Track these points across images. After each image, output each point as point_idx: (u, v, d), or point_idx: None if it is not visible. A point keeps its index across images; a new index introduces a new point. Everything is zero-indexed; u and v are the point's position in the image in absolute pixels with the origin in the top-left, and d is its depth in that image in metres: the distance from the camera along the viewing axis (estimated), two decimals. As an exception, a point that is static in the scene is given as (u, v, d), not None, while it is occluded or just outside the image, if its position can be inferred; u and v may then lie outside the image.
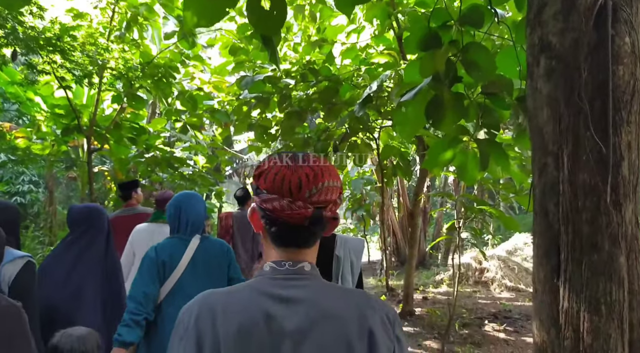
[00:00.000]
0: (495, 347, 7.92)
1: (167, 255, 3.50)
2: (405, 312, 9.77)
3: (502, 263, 14.32)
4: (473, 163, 5.19)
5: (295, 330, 1.38)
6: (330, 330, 1.39)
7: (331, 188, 1.45)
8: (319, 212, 1.42)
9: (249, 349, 1.36)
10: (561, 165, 3.28)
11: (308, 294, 1.43)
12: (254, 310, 1.39)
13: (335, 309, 1.42)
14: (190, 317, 1.40)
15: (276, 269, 1.47)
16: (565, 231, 3.22)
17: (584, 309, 3.11)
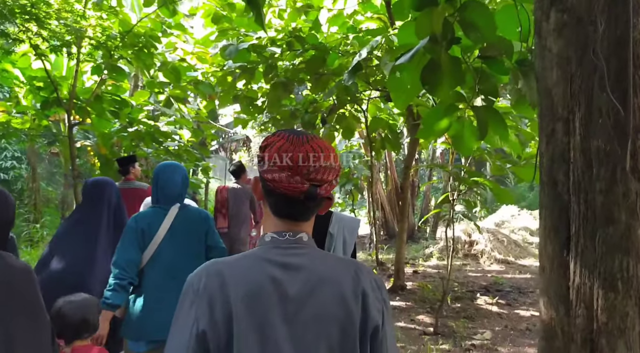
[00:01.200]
0: (489, 321, 7.76)
1: (146, 224, 3.67)
2: (396, 286, 9.59)
3: (491, 236, 14.21)
4: (469, 132, 4.96)
5: (297, 293, 1.49)
6: (328, 293, 1.50)
7: (329, 168, 1.56)
8: (314, 189, 1.52)
9: (257, 310, 1.45)
10: (572, 131, 3.05)
11: (307, 262, 1.55)
12: (260, 275, 1.49)
13: (332, 275, 1.54)
14: (200, 283, 1.47)
15: (277, 239, 1.58)
16: (576, 202, 2.99)
17: (597, 286, 2.89)
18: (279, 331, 1.45)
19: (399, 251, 9.69)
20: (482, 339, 6.77)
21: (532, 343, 6.72)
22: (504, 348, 6.51)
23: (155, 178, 3.82)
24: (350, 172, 14.75)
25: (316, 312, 1.48)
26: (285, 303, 1.48)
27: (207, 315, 1.43)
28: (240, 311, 1.43)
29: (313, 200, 1.55)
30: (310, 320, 1.48)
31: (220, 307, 1.43)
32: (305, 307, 1.48)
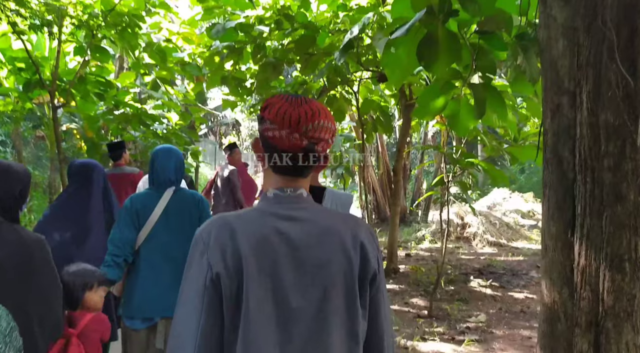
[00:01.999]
0: (483, 303, 7.67)
1: (140, 205, 3.73)
2: (389, 270, 9.47)
3: (483, 219, 14.13)
4: (466, 111, 4.81)
5: (302, 243, 1.57)
6: (331, 242, 1.60)
7: (326, 128, 1.64)
8: (312, 146, 1.61)
9: (265, 259, 1.53)
10: (579, 105, 2.91)
11: (308, 214, 1.64)
12: (266, 227, 1.58)
13: (332, 226, 1.64)
14: (210, 235, 1.56)
15: (280, 195, 1.66)
16: (582, 180, 2.86)
17: (604, 267, 2.77)
18: (285, 278, 1.55)
19: (392, 234, 9.57)
20: (476, 322, 6.68)
21: (527, 325, 6.64)
22: (499, 330, 6.41)
23: (151, 161, 3.88)
24: (341, 156, 14.58)
25: (320, 259, 1.57)
26: (291, 252, 1.56)
27: (221, 262, 1.51)
28: (250, 260, 1.52)
29: (312, 157, 1.63)
30: (314, 267, 1.57)
31: (231, 255, 1.51)
32: (310, 256, 1.57)
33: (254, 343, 1.51)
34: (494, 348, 5.78)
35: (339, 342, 1.57)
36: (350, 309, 1.59)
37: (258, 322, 1.51)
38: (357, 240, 1.63)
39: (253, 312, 1.50)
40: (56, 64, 7.63)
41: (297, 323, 1.54)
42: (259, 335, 1.51)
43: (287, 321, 1.54)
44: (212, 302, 1.51)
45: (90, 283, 3.15)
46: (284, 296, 1.54)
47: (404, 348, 5.72)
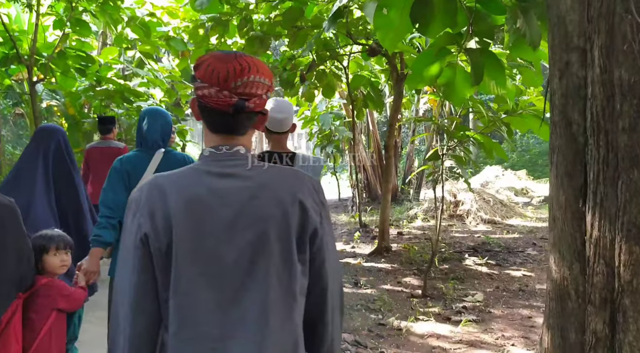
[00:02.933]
0: (479, 282, 7.45)
1: (131, 166, 3.69)
2: (381, 248, 9.25)
3: (476, 196, 13.93)
4: (462, 79, 4.58)
5: (236, 199, 1.56)
6: (266, 198, 1.58)
7: (257, 83, 1.60)
8: (243, 103, 1.58)
9: (197, 217, 1.54)
10: (589, 62, 2.67)
11: (245, 171, 1.62)
12: (199, 186, 1.58)
13: (269, 182, 1.62)
14: (141, 196, 1.58)
15: (215, 153, 1.65)
16: (594, 144, 2.62)
17: (620, 238, 2.53)
18: (218, 236, 1.54)
19: (384, 212, 9.34)
20: (473, 301, 6.46)
21: (527, 304, 6.43)
22: (497, 310, 6.20)
23: (140, 122, 3.85)
24: (331, 134, 14.35)
25: (254, 216, 1.55)
26: (223, 210, 1.54)
27: (149, 223, 1.53)
28: (180, 219, 1.52)
29: (241, 113, 1.60)
30: (248, 224, 1.55)
31: (160, 216, 1.52)
32: (244, 213, 1.55)
33: (186, 301, 1.52)
34: (492, 329, 5.57)
35: (274, 297, 1.55)
36: (287, 265, 1.57)
37: (189, 279, 1.52)
38: (296, 195, 1.60)
39: (184, 270, 1.51)
40: (34, 37, 7.33)
41: (230, 280, 1.54)
42: (191, 292, 1.52)
43: (220, 278, 1.53)
44: (143, 262, 1.54)
45: (47, 247, 3.11)
46: (216, 253, 1.53)
47: (397, 330, 5.49)
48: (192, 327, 1.52)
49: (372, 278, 7.70)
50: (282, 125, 3.65)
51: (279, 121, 3.63)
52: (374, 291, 6.99)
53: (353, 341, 5.09)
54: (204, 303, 1.52)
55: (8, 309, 2.77)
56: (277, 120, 3.62)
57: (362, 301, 6.48)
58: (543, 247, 9.87)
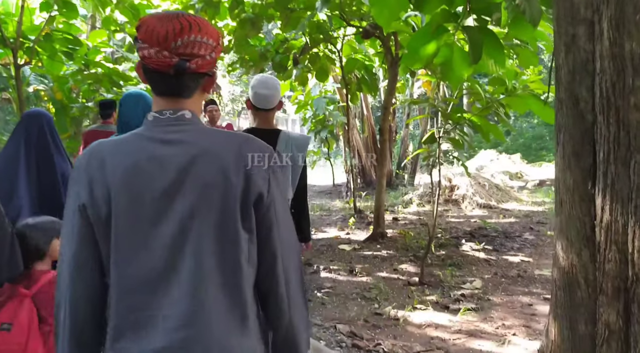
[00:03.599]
0: (477, 268, 7.29)
1: None
2: (376, 234, 9.09)
3: (472, 180, 13.78)
4: (460, 58, 4.39)
5: (176, 166, 1.50)
6: (208, 163, 1.52)
7: (199, 43, 1.55)
8: (184, 64, 1.52)
9: (136, 186, 1.50)
10: (598, 35, 2.48)
11: (189, 137, 1.56)
12: (139, 153, 1.53)
13: (213, 147, 1.56)
14: (82, 164, 1.54)
15: (158, 118, 1.59)
16: (604, 122, 2.44)
17: (633, 222, 2.36)
18: (157, 204, 1.49)
19: (379, 197, 9.16)
20: (471, 288, 6.30)
21: (526, 291, 6.28)
22: (497, 297, 6.04)
23: (119, 106, 3.70)
24: (325, 119, 14.16)
25: (194, 182, 1.50)
26: (163, 176, 1.50)
27: (87, 192, 1.50)
28: (118, 188, 1.49)
29: (183, 74, 1.55)
30: (187, 190, 1.50)
31: (99, 185, 1.49)
32: (184, 179, 1.50)
33: (125, 269, 1.50)
34: (492, 317, 5.41)
35: (214, 266, 1.51)
36: (230, 233, 1.53)
37: (128, 248, 1.49)
38: (240, 161, 1.55)
39: (123, 239, 1.49)
40: (20, 20, 7.10)
41: (171, 249, 1.49)
42: (130, 260, 1.50)
43: (161, 247, 1.49)
44: (82, 231, 1.52)
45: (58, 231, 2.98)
46: (156, 222, 1.49)
47: (394, 320, 5.32)
48: (130, 294, 1.50)
49: (368, 265, 7.53)
50: (268, 101, 3.63)
51: (264, 97, 3.60)
52: (370, 279, 6.83)
53: (349, 332, 4.92)
54: (143, 272, 1.49)
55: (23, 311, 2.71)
56: (262, 96, 3.60)
57: (357, 289, 6.32)
58: (540, 231, 9.74)
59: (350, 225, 10.55)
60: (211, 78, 1.66)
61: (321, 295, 6.10)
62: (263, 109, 3.65)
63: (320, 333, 4.88)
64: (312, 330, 4.99)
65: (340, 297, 6.05)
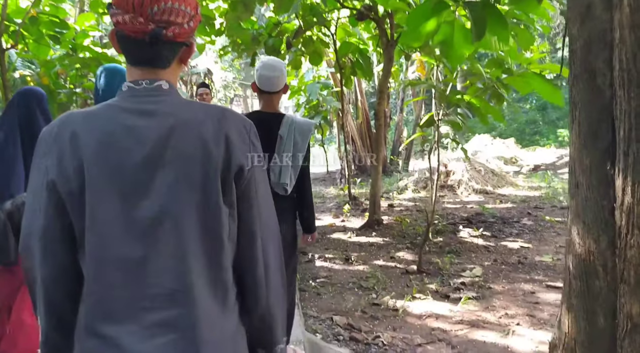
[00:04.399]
0: (476, 255, 7.13)
1: None
2: (372, 221, 8.92)
3: (467, 165, 13.62)
4: (461, 36, 4.19)
5: (154, 138, 1.44)
6: (187, 135, 1.46)
7: (177, 10, 1.49)
8: (160, 31, 1.46)
9: (110, 158, 1.43)
10: (616, 2, 2.28)
11: (166, 108, 1.50)
12: (114, 123, 1.46)
13: (192, 118, 1.49)
14: (51, 136, 1.47)
15: (133, 88, 1.52)
16: (624, 96, 2.24)
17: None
18: (133, 177, 1.43)
19: (375, 183, 8.97)
20: (471, 276, 6.12)
21: (528, 278, 6.11)
22: (497, 285, 5.87)
23: (95, 81, 3.48)
24: (318, 105, 13.95)
25: (173, 154, 1.44)
26: (140, 149, 1.44)
27: (56, 166, 1.43)
28: (92, 160, 1.42)
29: (159, 42, 1.48)
30: (166, 162, 1.44)
31: (70, 158, 1.42)
32: (162, 152, 1.44)
33: (103, 246, 1.42)
34: (494, 306, 5.23)
35: (195, 241, 1.44)
36: (210, 206, 1.46)
37: (105, 223, 1.41)
38: (220, 133, 1.48)
39: (97, 212, 1.41)
40: (4, 2, 6.85)
41: (151, 224, 1.42)
42: (107, 237, 1.42)
43: (140, 222, 1.42)
44: (51, 206, 1.44)
45: None
46: (132, 195, 1.43)
47: (393, 310, 5.14)
48: (108, 272, 1.42)
49: (364, 253, 7.36)
50: (274, 84, 3.57)
51: (269, 79, 3.55)
52: (367, 267, 6.66)
53: (346, 324, 4.74)
54: (121, 248, 1.42)
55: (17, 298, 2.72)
56: (268, 78, 3.55)
57: (354, 279, 6.15)
58: (538, 216, 9.60)
59: (345, 213, 10.38)
60: (189, 48, 1.58)
61: (316, 284, 5.92)
62: (268, 92, 3.59)
63: (317, 326, 4.70)
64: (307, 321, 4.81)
65: (336, 286, 5.88)
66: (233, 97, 32.41)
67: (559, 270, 6.34)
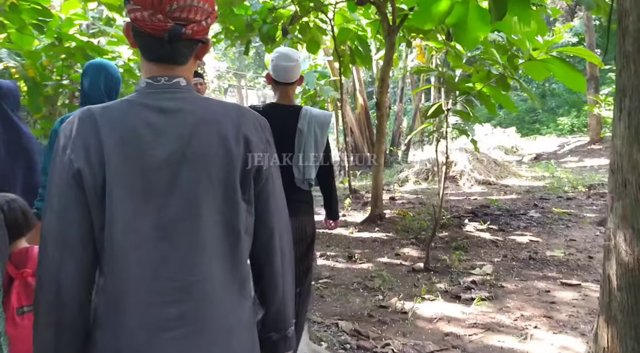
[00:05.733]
0: (485, 251, 6.79)
1: None
2: (374, 216, 8.59)
3: (469, 156, 13.30)
4: (476, 17, 3.83)
5: (175, 135, 1.44)
6: (208, 133, 1.46)
7: (196, 7, 1.46)
8: (179, 29, 1.44)
9: (132, 154, 1.42)
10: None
11: (185, 105, 1.49)
12: (135, 119, 1.45)
13: (212, 116, 1.49)
14: (72, 129, 1.44)
15: (152, 84, 1.51)
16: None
17: None
18: (155, 173, 1.43)
19: (376, 176, 8.63)
20: (482, 274, 5.78)
21: (541, 275, 5.79)
22: (510, 283, 5.53)
23: (81, 78, 3.43)
24: (315, 94, 13.61)
25: (194, 152, 1.44)
26: (162, 146, 1.43)
27: (83, 158, 1.40)
28: (114, 155, 1.40)
29: (178, 39, 1.46)
30: (188, 160, 1.43)
31: (94, 151, 1.40)
32: (184, 149, 1.44)
33: (123, 242, 1.40)
34: (508, 307, 4.89)
35: (216, 236, 1.45)
36: (229, 203, 1.47)
37: (125, 217, 1.40)
38: (239, 131, 1.50)
39: (119, 207, 1.40)
40: (-19, -11, 6.52)
41: (169, 219, 1.42)
42: (128, 234, 1.40)
43: (158, 217, 1.42)
44: (76, 199, 1.41)
45: None
46: (154, 191, 1.42)
47: (402, 313, 4.79)
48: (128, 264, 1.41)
49: (367, 250, 7.03)
50: (290, 75, 3.44)
51: (286, 70, 3.41)
52: (371, 265, 6.32)
53: (352, 330, 4.40)
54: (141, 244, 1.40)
55: None
56: (285, 69, 3.41)
57: (358, 278, 5.82)
58: (545, 208, 9.28)
59: (346, 207, 10.05)
60: (205, 45, 1.57)
61: (319, 286, 5.57)
62: (284, 83, 3.44)
63: (321, 333, 4.35)
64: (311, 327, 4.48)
65: (340, 288, 5.53)
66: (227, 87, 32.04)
67: (572, 266, 6.04)
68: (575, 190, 10.93)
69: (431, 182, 12.95)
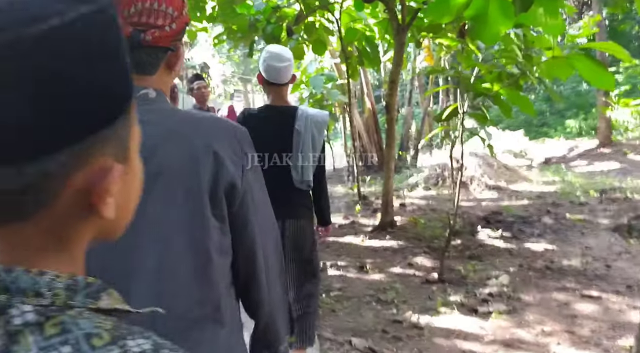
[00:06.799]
0: (500, 260, 6.48)
1: None
2: (385, 223, 8.27)
3: (480, 160, 12.98)
4: (497, 9, 3.54)
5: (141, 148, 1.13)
6: (173, 149, 1.39)
7: (156, 11, 1.37)
8: (137, 34, 1.35)
9: None
10: None
11: (152, 117, 1.38)
12: None
13: (181, 129, 1.43)
14: None
15: None
16: None
17: None
18: None
19: (387, 182, 8.31)
20: (498, 285, 5.48)
21: (559, 286, 5.49)
22: (528, 295, 5.23)
23: None
24: (322, 98, 13.35)
25: (159, 166, 1.35)
26: None
27: None
28: None
29: (138, 46, 1.35)
30: (153, 174, 1.29)
31: None
32: (150, 162, 1.25)
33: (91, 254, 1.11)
34: (528, 322, 4.61)
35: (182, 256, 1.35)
36: (197, 220, 1.37)
37: None
38: (210, 145, 1.39)
39: None
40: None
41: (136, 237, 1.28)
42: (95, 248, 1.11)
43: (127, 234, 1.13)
44: None
45: None
46: None
47: (417, 328, 4.51)
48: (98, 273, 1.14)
49: (379, 260, 6.73)
50: (283, 75, 3.38)
51: (278, 70, 3.34)
52: (383, 276, 6.03)
53: (366, 348, 4.12)
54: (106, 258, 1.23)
55: None
56: (276, 69, 3.34)
57: (371, 291, 5.52)
58: (559, 214, 8.96)
59: (356, 213, 9.76)
60: (175, 54, 1.46)
61: (330, 300, 5.28)
62: (276, 84, 3.40)
63: (334, 352, 4.08)
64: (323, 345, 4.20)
65: (352, 301, 5.24)
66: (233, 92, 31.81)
67: (590, 276, 5.77)
68: (587, 195, 10.62)
69: (441, 187, 12.64)
